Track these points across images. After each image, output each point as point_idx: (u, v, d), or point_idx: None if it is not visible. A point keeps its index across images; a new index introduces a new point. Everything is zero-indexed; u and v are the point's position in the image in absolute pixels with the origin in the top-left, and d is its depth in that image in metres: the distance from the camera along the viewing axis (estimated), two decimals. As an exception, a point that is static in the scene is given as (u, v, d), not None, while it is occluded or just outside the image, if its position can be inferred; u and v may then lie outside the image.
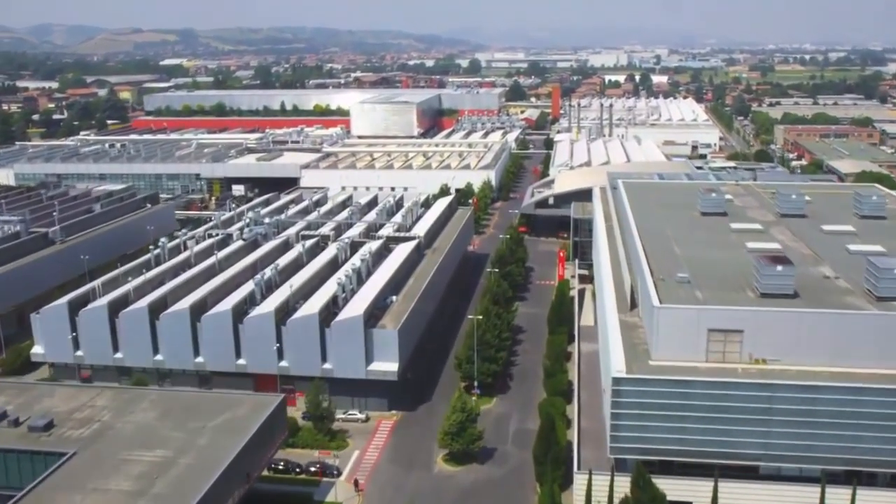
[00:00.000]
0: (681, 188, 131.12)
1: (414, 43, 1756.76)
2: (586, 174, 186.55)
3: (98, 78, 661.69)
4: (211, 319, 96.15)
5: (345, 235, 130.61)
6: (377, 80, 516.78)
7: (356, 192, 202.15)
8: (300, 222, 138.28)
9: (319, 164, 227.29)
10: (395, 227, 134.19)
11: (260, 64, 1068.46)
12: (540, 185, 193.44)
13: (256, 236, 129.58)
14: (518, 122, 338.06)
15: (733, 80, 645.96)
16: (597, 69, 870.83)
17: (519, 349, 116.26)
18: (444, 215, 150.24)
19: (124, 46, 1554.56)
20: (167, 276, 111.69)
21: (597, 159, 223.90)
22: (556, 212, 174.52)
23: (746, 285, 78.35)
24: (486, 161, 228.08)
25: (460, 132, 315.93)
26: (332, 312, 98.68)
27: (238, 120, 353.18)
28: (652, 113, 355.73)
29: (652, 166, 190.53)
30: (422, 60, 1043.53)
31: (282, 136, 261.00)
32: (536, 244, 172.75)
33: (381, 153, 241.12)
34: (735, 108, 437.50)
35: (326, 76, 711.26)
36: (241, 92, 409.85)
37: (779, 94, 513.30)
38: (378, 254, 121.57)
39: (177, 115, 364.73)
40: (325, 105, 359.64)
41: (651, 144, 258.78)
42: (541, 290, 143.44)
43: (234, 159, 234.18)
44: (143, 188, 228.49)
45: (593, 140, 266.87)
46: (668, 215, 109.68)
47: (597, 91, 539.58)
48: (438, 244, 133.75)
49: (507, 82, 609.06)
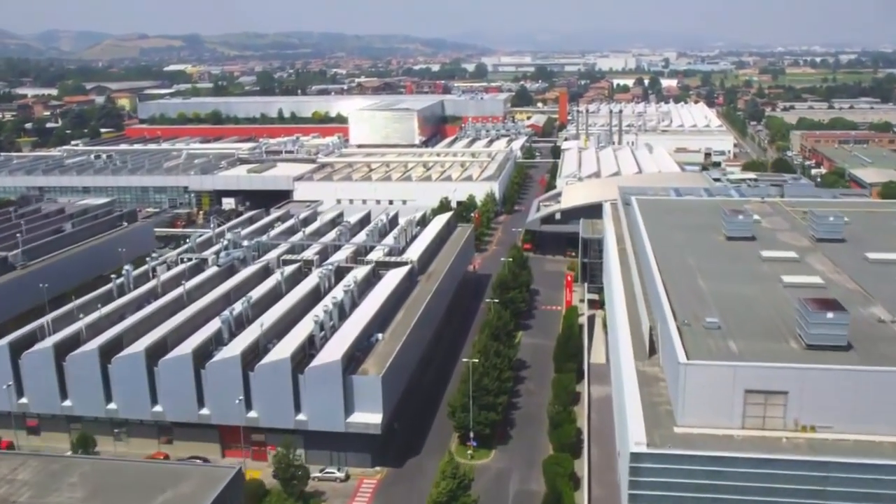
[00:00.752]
0: (701, 206, 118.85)
1: (421, 47, 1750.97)
2: (595, 187, 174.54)
3: (98, 84, 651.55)
4: (169, 364, 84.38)
5: (330, 260, 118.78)
6: (380, 86, 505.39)
7: (351, 206, 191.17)
8: (283, 244, 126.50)
9: (313, 176, 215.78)
10: (387, 251, 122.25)
11: (264, 69, 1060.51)
12: (546, 198, 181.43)
13: (233, 261, 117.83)
14: (524, 129, 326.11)
15: (744, 83, 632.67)
16: (605, 73, 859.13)
17: (522, 388, 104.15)
18: (441, 234, 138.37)
19: (130, 52, 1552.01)
20: (128, 309, 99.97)
21: (606, 169, 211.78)
22: (564, 228, 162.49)
23: (788, 333, 66.16)
24: (489, 172, 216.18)
25: (464, 140, 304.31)
26: (308, 354, 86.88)
27: (234, 128, 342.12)
28: (663, 119, 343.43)
29: (666, 178, 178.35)
30: (427, 65, 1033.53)
31: (276, 146, 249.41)
32: (542, 263, 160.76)
33: (379, 163, 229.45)
34: (748, 113, 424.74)
35: (330, 81, 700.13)
36: (238, 99, 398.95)
37: (792, 97, 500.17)
38: (366, 281, 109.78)
39: (172, 124, 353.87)
40: (325, 112, 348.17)
41: (663, 153, 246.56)
42: (547, 316, 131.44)
43: (225, 171, 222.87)
44: (129, 202, 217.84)
45: (602, 148, 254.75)
46: (688, 239, 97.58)
47: (605, 96, 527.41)
48: (434, 268, 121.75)
49: (514, 87, 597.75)
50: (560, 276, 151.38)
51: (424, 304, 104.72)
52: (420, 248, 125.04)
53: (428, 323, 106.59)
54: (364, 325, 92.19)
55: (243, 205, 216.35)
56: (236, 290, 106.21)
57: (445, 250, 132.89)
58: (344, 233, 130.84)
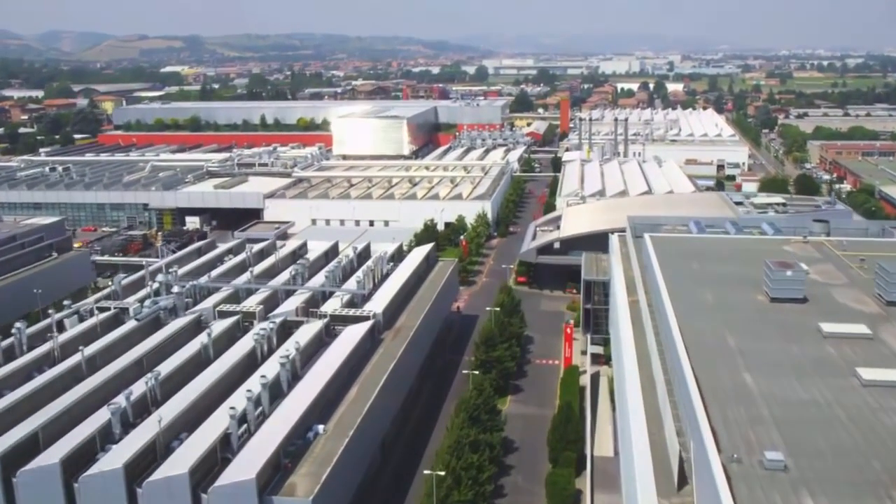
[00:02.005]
0: (730, 248, 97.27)
1: (423, 49, 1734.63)
2: (600, 211, 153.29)
3: (86, 87, 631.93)
4: (30, 477, 63.02)
5: (279, 311, 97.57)
6: (373, 90, 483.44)
7: (322, 230, 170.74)
8: (225, 288, 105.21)
9: (286, 193, 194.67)
10: (347, 299, 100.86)
11: (262, 71, 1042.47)
12: (544, 223, 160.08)
13: (158, 313, 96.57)
14: (523, 137, 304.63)
15: (753, 88, 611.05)
16: (608, 76, 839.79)
17: (507, 483, 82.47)
18: (418, 273, 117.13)
19: (130, 53, 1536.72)
20: (7, 384, 78.65)
21: (612, 187, 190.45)
22: (564, 260, 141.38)
23: (885, 474, 44.86)
24: (481, 189, 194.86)
25: (458, 150, 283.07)
26: (222, 460, 65.64)
27: (214, 135, 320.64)
28: (671, 127, 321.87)
29: (679, 201, 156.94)
30: (427, 67, 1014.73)
31: (250, 158, 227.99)
32: (538, 301, 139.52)
33: (361, 178, 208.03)
34: (759, 120, 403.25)
35: (326, 84, 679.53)
36: (219, 104, 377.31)
37: (804, 103, 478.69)
38: (316, 342, 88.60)
39: (148, 130, 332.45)
40: (310, 119, 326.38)
41: (673, 167, 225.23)
42: (541, 374, 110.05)
43: (191, 186, 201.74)
44: (84, 220, 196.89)
45: (607, 161, 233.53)
46: (720, 300, 76.12)
47: (609, 101, 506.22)
48: (405, 320, 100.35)
49: (514, 91, 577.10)
50: (559, 316, 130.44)
51: (386, 375, 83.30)
52: (389, 293, 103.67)
53: (390, 399, 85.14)
54: (302, 412, 70.85)
55: (209, 224, 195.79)
56: (153, 354, 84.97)
57: (422, 294, 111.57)
58: (300, 273, 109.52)
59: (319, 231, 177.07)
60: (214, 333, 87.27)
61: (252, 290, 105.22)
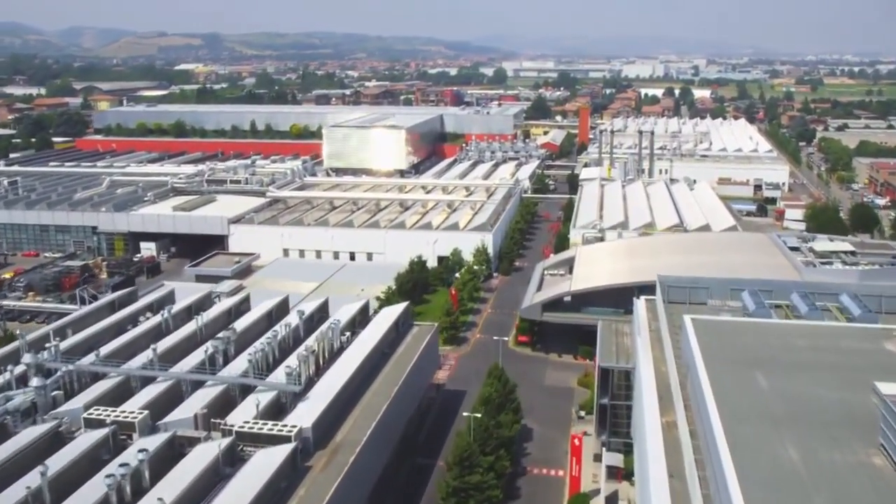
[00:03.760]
0: (807, 345, 68.87)
1: (444, 50, 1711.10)
2: (622, 254, 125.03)
3: (89, 84, 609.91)
4: None
5: (170, 418, 70.27)
6: (379, 94, 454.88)
7: (299, 262, 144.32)
8: (113, 374, 77.97)
9: (255, 217, 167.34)
10: (270, 400, 73.20)
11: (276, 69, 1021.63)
12: (554, 265, 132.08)
13: (4, 419, 69.47)
14: (536, 150, 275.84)
15: (785, 96, 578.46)
16: (631, 80, 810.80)
17: None
18: (382, 348, 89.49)
19: (148, 50, 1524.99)
20: None
21: (636, 217, 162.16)
22: (575, 318, 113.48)
23: None
24: (482, 217, 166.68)
25: (464, 163, 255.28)
26: None
27: (199, 142, 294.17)
28: (701, 140, 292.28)
29: (720, 245, 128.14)
30: (444, 69, 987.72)
31: (224, 172, 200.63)
32: (542, 370, 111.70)
33: (345, 200, 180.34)
34: (796, 132, 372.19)
35: (337, 86, 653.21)
36: (208, 108, 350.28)
37: (843, 113, 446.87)
38: (209, 475, 61.29)
39: (129, 135, 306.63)
40: (303, 126, 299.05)
41: (706, 189, 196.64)
42: (539, 491, 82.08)
43: (147, 206, 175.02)
44: (26, 243, 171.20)
45: (630, 181, 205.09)
46: (811, 463, 48.03)
47: (632, 107, 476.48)
48: (349, 432, 72.58)
49: (533, 95, 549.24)
50: (566, 395, 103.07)
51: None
52: (331, 388, 75.97)
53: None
54: None
55: (167, 251, 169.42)
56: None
57: (384, 380, 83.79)
58: (220, 351, 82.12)
59: (289, 266, 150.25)
60: (54, 469, 59.73)
61: (148, 378, 77.95)
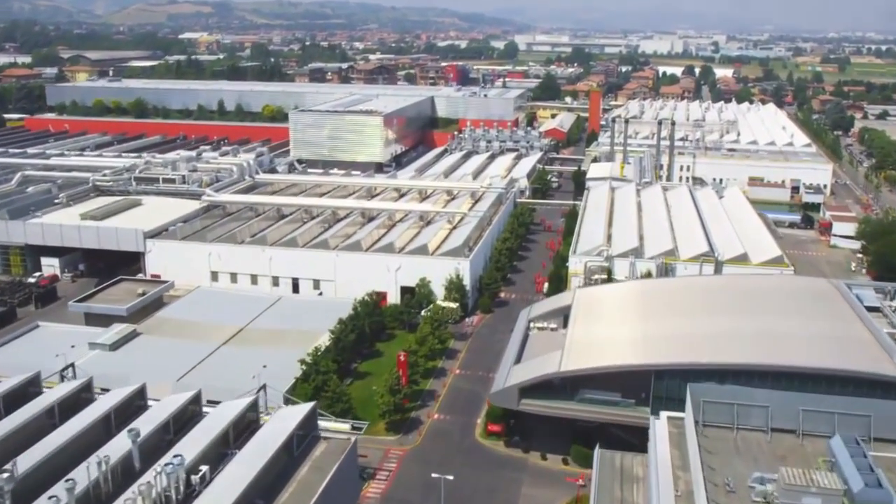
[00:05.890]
0: None
1: (458, 22, 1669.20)
2: (633, 311, 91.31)
3: (77, 54, 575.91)
4: None
5: None
6: (374, 70, 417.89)
7: (226, 294, 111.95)
8: None
9: (178, 231, 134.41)
10: None
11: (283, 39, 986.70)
12: (542, 315, 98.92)
13: None
14: (539, 139, 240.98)
15: (813, 76, 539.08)
16: (648, 56, 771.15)
17: None
18: (261, 483, 56.82)
19: (157, 18, 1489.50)
20: None
21: (654, 242, 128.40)
22: (565, 409, 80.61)
23: None
24: (461, 235, 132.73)
25: (455, 154, 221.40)
26: None
27: (161, 123, 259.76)
28: (728, 130, 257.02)
29: (766, 299, 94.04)
30: (454, 41, 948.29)
31: (161, 168, 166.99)
32: (517, 480, 79.03)
33: (296, 208, 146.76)
34: (831, 119, 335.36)
35: (339, 59, 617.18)
36: (173, 83, 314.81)
37: (881, 98, 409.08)
38: None
39: (86, 114, 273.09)
40: (277, 107, 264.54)
41: (739, 198, 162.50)
42: None
43: (51, 213, 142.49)
44: None
45: (647, 185, 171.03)
46: None
47: (649, 87, 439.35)
48: None
49: (543, 71, 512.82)
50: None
51: None
52: None
53: None
54: None
55: (74, 270, 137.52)
56: None
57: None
58: None
59: (210, 299, 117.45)
60: None
61: None
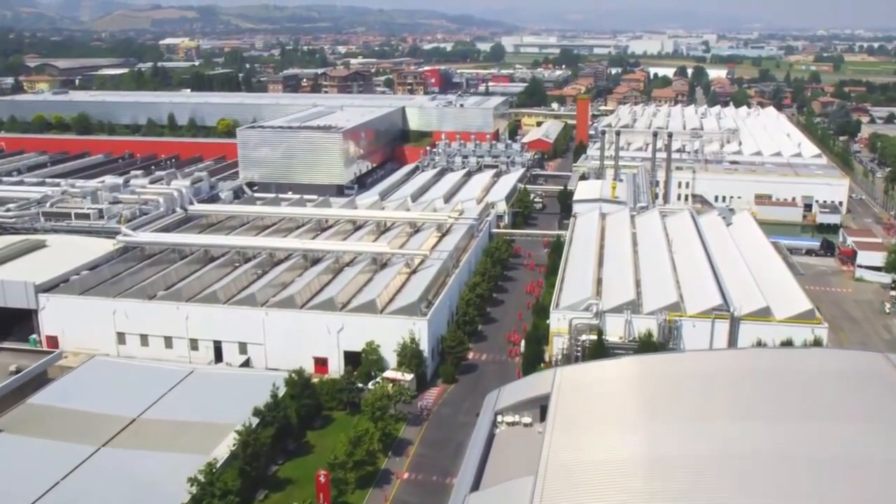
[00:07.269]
0: None
1: (446, 24, 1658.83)
2: (632, 409, 67.40)
3: (44, 62, 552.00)
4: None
5: None
6: (347, 76, 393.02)
7: (129, 366, 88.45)
8: None
9: (77, 284, 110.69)
10: None
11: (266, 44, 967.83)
12: (514, 405, 75.33)
13: None
14: (521, 154, 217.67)
15: (810, 76, 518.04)
16: (638, 57, 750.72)
17: None
18: None
19: (141, 23, 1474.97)
20: None
21: (654, 291, 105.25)
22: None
23: None
24: (419, 286, 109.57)
25: (427, 172, 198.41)
26: None
27: (107, 140, 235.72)
28: (729, 139, 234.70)
29: (798, 383, 70.71)
30: (440, 44, 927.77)
31: (78, 197, 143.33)
32: None
33: (227, 249, 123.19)
34: (835, 124, 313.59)
35: (319, 64, 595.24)
36: (121, 96, 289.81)
37: (884, 99, 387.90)
38: None
39: (25, 131, 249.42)
40: (234, 121, 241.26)
41: (750, 226, 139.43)
42: None
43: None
44: None
45: (642, 210, 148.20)
46: None
47: (640, 91, 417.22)
48: None
49: (530, 75, 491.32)
50: None
51: None
52: None
53: None
54: None
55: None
56: None
57: None
58: None
59: (104, 376, 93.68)
60: None
61: None
